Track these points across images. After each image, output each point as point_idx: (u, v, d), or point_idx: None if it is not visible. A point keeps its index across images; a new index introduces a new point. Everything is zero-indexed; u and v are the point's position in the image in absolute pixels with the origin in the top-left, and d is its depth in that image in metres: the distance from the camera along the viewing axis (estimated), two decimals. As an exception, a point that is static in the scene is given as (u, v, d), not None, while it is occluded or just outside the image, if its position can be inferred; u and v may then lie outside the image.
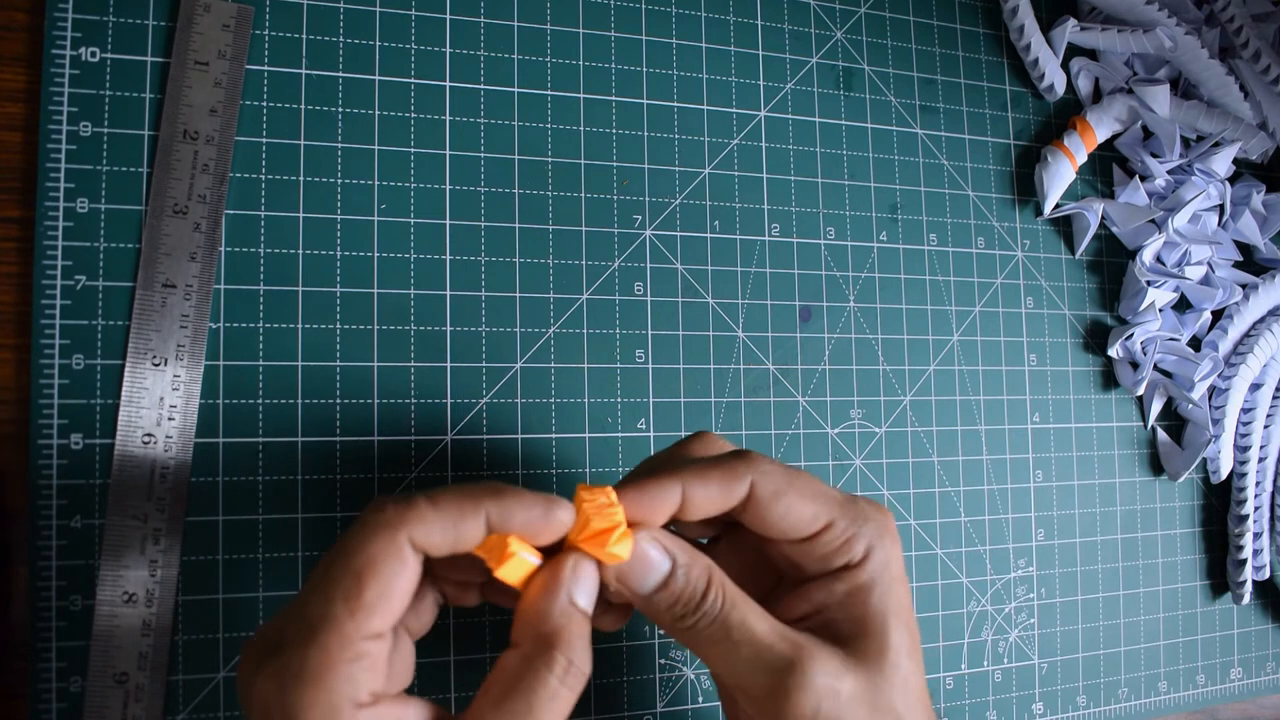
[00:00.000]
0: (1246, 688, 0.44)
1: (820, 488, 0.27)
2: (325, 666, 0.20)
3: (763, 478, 0.26)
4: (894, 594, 0.26)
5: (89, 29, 0.29)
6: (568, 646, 0.23)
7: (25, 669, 0.28)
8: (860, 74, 0.39)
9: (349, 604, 0.21)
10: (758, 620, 0.25)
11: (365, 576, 0.21)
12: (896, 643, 0.26)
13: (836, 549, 0.26)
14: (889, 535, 0.27)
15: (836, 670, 0.25)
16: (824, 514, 0.26)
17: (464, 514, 0.22)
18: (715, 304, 0.36)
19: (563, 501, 0.24)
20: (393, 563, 0.22)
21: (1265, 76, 0.43)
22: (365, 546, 0.22)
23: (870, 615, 0.26)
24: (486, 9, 0.34)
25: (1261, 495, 0.44)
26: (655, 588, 0.25)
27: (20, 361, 0.29)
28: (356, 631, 0.21)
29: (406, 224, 0.32)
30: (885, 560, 0.27)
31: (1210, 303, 0.43)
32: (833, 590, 0.27)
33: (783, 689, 0.24)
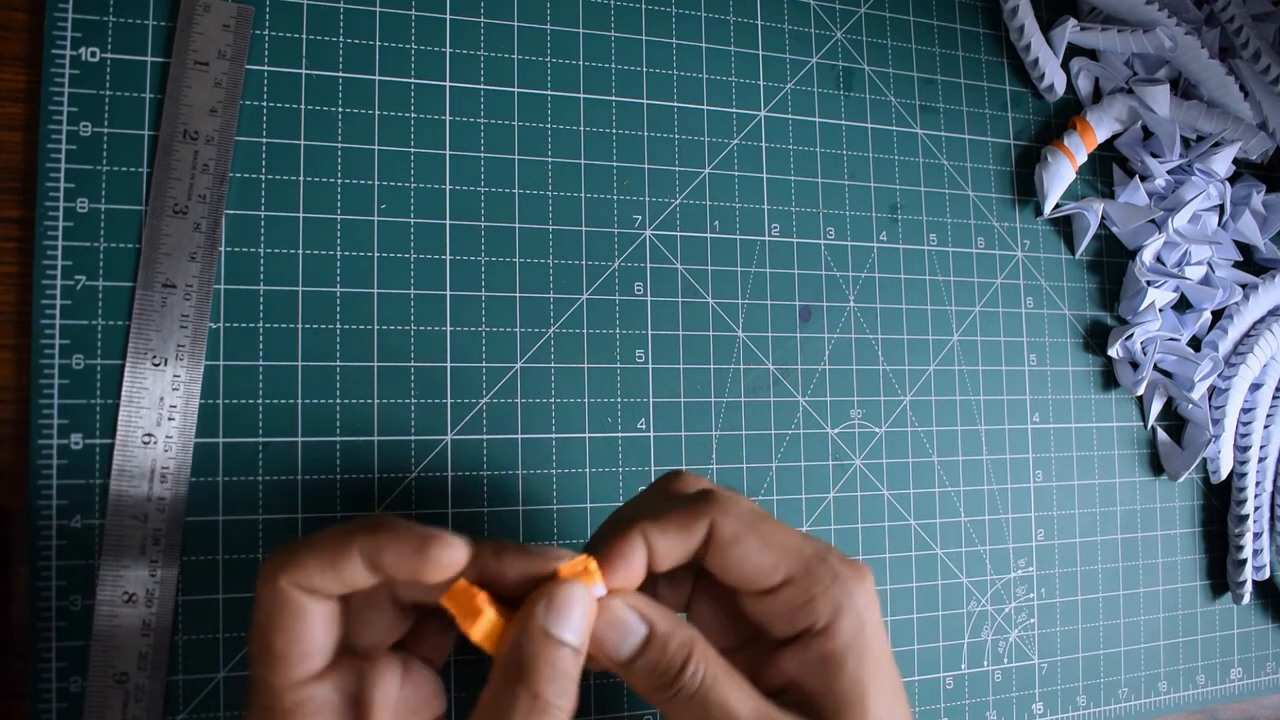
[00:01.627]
0: (1246, 688, 0.44)
1: (786, 539, 0.25)
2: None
3: (724, 519, 0.25)
4: (869, 661, 0.25)
5: (89, 29, 0.29)
6: (535, 680, 0.22)
7: (25, 669, 0.28)
8: (860, 74, 0.39)
9: (265, 660, 0.22)
10: (739, 701, 0.24)
11: (268, 631, 0.22)
12: (874, 712, 0.25)
13: (799, 607, 0.25)
14: (861, 595, 0.25)
15: None
16: (784, 566, 0.25)
17: (338, 552, 0.22)
18: (715, 304, 0.36)
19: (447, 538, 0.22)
20: (286, 611, 0.22)
21: (1265, 76, 0.43)
22: (261, 602, 0.22)
23: (846, 689, 0.25)
24: (486, 9, 0.34)
25: (1261, 495, 0.44)
26: (632, 654, 0.24)
27: (20, 361, 0.29)
28: (282, 682, 0.21)
29: (406, 224, 0.32)
30: (857, 625, 0.25)
31: (1210, 303, 0.43)
32: (805, 660, 0.25)
33: None
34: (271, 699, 0.21)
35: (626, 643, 0.24)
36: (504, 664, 0.22)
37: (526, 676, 0.22)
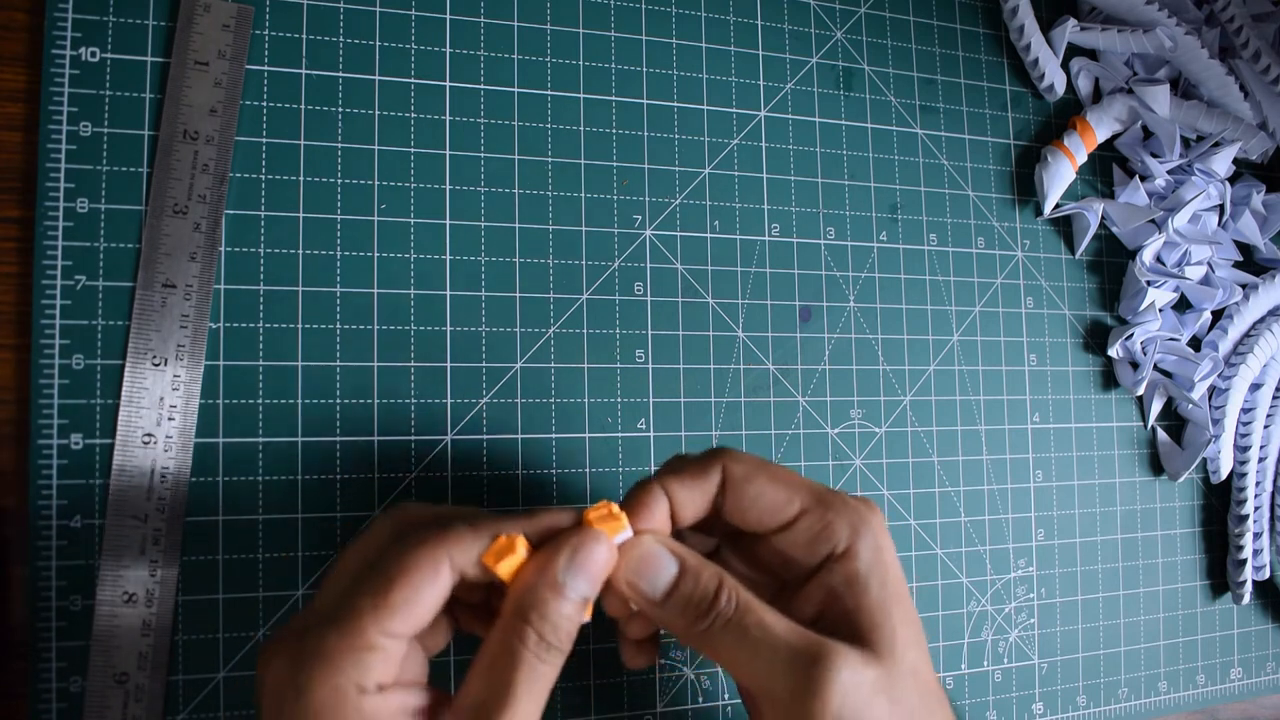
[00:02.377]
0: (1246, 688, 0.44)
1: (794, 477, 0.27)
2: (339, 651, 0.22)
3: (735, 464, 0.27)
4: (891, 583, 0.26)
5: (89, 29, 0.29)
6: (539, 618, 0.23)
7: (25, 669, 0.28)
8: (860, 74, 0.39)
9: (374, 600, 0.22)
10: (775, 620, 0.25)
11: (396, 580, 0.22)
12: (902, 633, 0.26)
13: (817, 535, 0.27)
14: (876, 523, 0.27)
15: (857, 664, 0.25)
16: (797, 499, 0.27)
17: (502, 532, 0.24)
18: (715, 304, 0.36)
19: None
20: (427, 574, 0.23)
21: (1265, 76, 0.43)
22: (403, 556, 0.23)
23: (872, 606, 0.26)
24: (486, 9, 0.34)
25: (1261, 495, 0.44)
26: (666, 590, 0.25)
27: (20, 361, 0.29)
28: (376, 626, 0.22)
29: (406, 224, 0.32)
30: (875, 547, 0.27)
31: (1210, 303, 0.43)
32: (830, 586, 0.27)
33: (808, 688, 0.24)
34: (356, 634, 0.22)
35: (661, 578, 0.25)
36: (515, 603, 0.24)
37: (537, 616, 0.23)
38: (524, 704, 0.23)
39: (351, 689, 0.21)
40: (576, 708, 0.33)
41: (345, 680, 0.21)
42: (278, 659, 0.22)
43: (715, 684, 0.35)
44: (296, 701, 0.21)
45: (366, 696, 0.22)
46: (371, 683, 0.22)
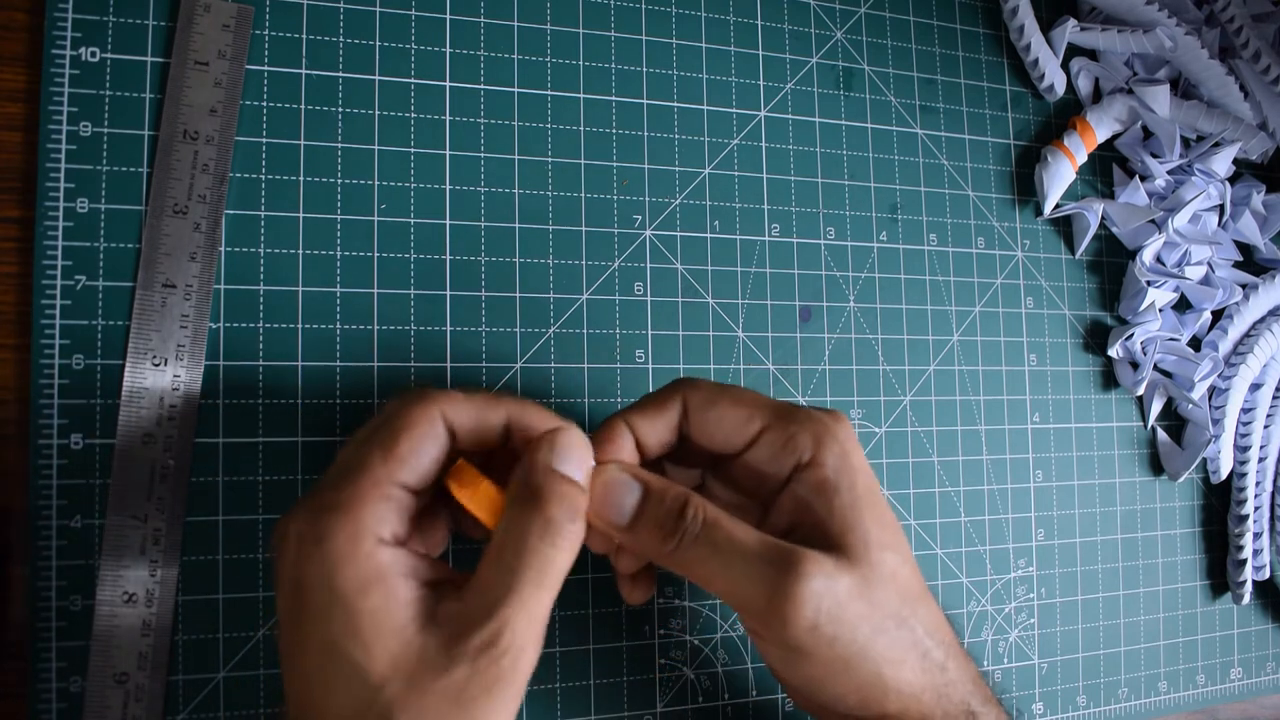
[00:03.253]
0: (1246, 688, 0.44)
1: (754, 396, 0.28)
2: (355, 499, 0.23)
3: (693, 392, 0.28)
4: (860, 486, 0.27)
5: (89, 29, 0.29)
6: (547, 505, 0.24)
7: (25, 669, 0.28)
8: (860, 74, 0.39)
9: (384, 452, 0.23)
10: (745, 533, 0.25)
11: (401, 433, 0.24)
12: (876, 536, 0.26)
13: (782, 448, 0.27)
14: (840, 431, 0.27)
15: (830, 570, 0.25)
16: (758, 415, 0.27)
17: (491, 405, 0.25)
18: (715, 304, 0.36)
19: (572, 427, 0.26)
20: (426, 426, 0.24)
21: (1265, 76, 0.43)
22: (404, 411, 0.24)
23: (842, 511, 0.26)
24: (486, 9, 0.34)
25: (1261, 495, 0.44)
26: (632, 514, 0.26)
27: (20, 361, 0.29)
28: (388, 476, 0.23)
29: (406, 224, 0.32)
30: (841, 454, 0.27)
31: (1210, 303, 0.43)
32: (799, 496, 0.27)
33: (781, 596, 0.24)
34: (370, 482, 0.23)
35: (626, 502, 0.26)
36: (516, 497, 0.24)
37: (538, 501, 0.24)
38: (529, 591, 0.23)
39: (368, 536, 0.22)
40: (576, 708, 0.33)
41: (362, 527, 0.22)
42: (299, 515, 0.23)
43: (715, 684, 0.35)
44: (315, 549, 0.22)
45: (383, 546, 0.22)
46: (388, 532, 0.23)
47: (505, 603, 0.23)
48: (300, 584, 0.22)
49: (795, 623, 0.24)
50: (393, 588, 0.22)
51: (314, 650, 0.22)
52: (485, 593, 0.23)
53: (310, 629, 0.22)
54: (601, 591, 0.33)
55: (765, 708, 0.35)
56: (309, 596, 0.22)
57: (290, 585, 0.23)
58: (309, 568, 0.22)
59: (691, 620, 0.35)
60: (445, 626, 0.22)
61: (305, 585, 0.22)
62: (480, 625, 0.22)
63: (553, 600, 0.24)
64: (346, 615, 0.22)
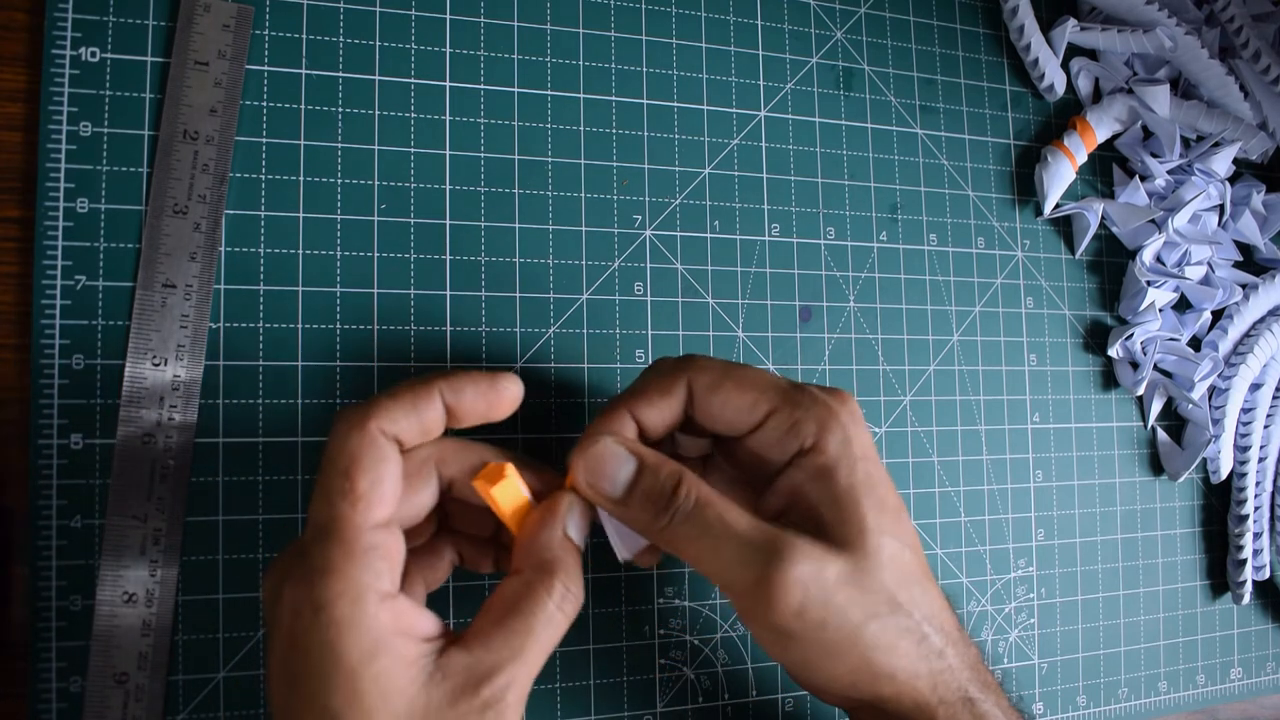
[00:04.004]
0: (1246, 688, 0.44)
1: (761, 378, 0.27)
2: (345, 558, 0.22)
3: (699, 375, 0.27)
4: (860, 471, 0.26)
5: (89, 29, 0.29)
6: (565, 575, 0.25)
7: (25, 669, 0.28)
8: (860, 74, 0.39)
9: (348, 499, 0.23)
10: (736, 516, 0.25)
11: (353, 472, 0.23)
12: (874, 521, 0.26)
13: (786, 432, 0.27)
14: (845, 415, 0.27)
15: (819, 556, 0.25)
16: (764, 400, 0.27)
17: (419, 397, 0.24)
18: (715, 304, 0.36)
19: (508, 374, 0.26)
20: (371, 453, 0.23)
21: (1265, 76, 0.43)
22: (344, 447, 0.23)
23: (840, 497, 0.26)
24: (486, 9, 0.34)
25: (1261, 495, 0.44)
26: (626, 487, 0.26)
27: (20, 361, 0.29)
28: (363, 521, 0.23)
29: (406, 224, 0.32)
30: (843, 439, 0.27)
31: (1210, 303, 0.43)
32: (798, 479, 0.27)
33: (767, 581, 0.25)
34: (351, 536, 0.22)
35: (620, 474, 0.26)
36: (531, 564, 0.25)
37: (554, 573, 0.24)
38: (536, 651, 0.24)
39: (369, 596, 0.22)
40: (576, 708, 0.33)
41: (361, 587, 0.22)
42: (292, 584, 0.22)
43: (715, 684, 0.35)
44: (316, 618, 0.22)
45: (385, 603, 0.22)
46: (386, 583, 0.23)
47: (515, 662, 0.23)
48: (300, 651, 0.22)
49: (781, 608, 0.25)
50: (397, 651, 0.22)
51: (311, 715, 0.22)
52: (495, 650, 0.23)
53: (311, 695, 0.22)
54: (601, 591, 0.33)
55: (765, 708, 0.35)
56: (309, 664, 0.22)
57: (286, 650, 0.22)
58: (310, 636, 0.22)
59: (691, 620, 0.35)
60: (450, 680, 0.22)
61: (306, 653, 0.22)
62: (488, 681, 0.23)
63: None
64: (351, 683, 0.21)
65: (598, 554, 0.33)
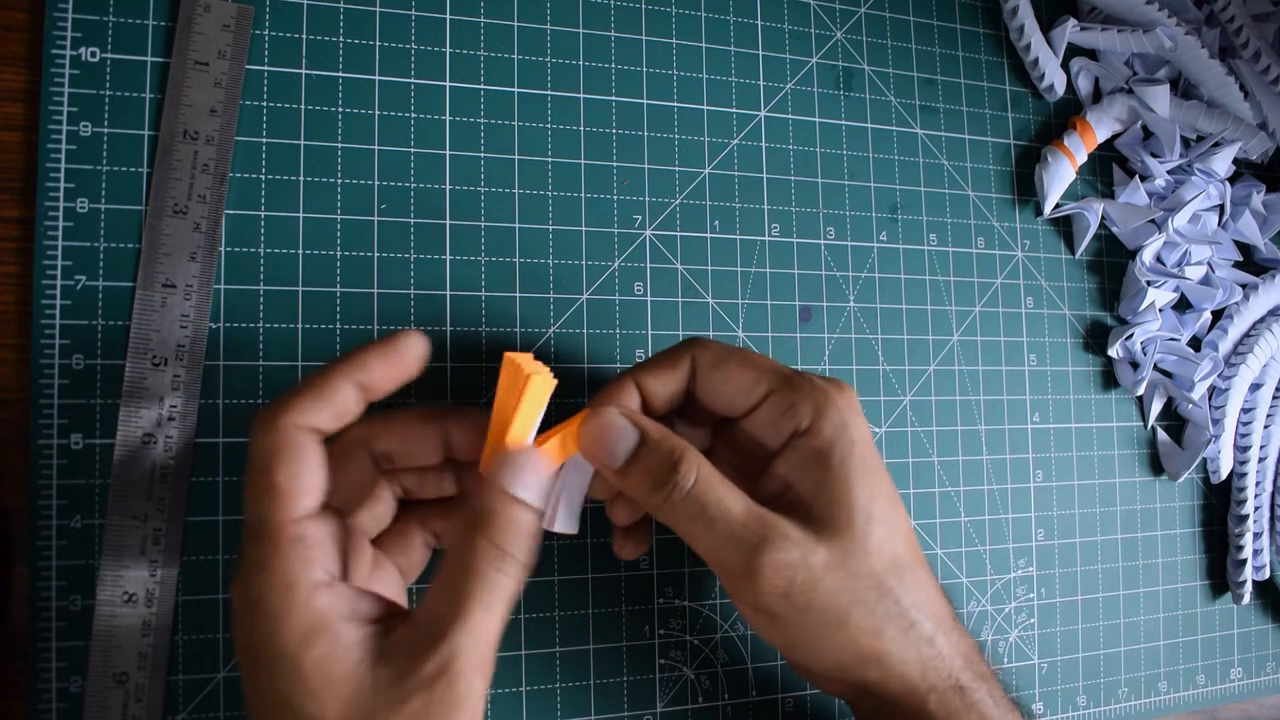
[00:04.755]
0: (1246, 688, 0.44)
1: (761, 360, 0.28)
2: (272, 553, 0.22)
3: (703, 352, 0.28)
4: (854, 458, 0.27)
5: (89, 29, 0.29)
6: (497, 532, 0.24)
7: (25, 669, 0.28)
8: (860, 74, 0.39)
9: (269, 498, 0.23)
10: (733, 500, 0.26)
11: (270, 468, 0.23)
12: (864, 507, 0.26)
13: (782, 414, 0.27)
14: (841, 400, 0.27)
15: (806, 544, 0.25)
16: (763, 380, 0.27)
17: (327, 383, 0.24)
18: (715, 304, 0.36)
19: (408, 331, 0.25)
20: (286, 449, 0.23)
21: (1265, 76, 0.43)
22: (259, 444, 0.23)
23: (832, 482, 0.26)
24: (486, 9, 0.34)
25: (1261, 495, 0.44)
26: (626, 459, 0.26)
27: (20, 361, 0.29)
28: (285, 516, 0.23)
29: (406, 224, 0.32)
30: (839, 424, 0.27)
31: (1210, 303, 0.43)
32: (792, 462, 0.27)
33: (754, 566, 0.25)
34: (276, 532, 0.23)
35: (621, 446, 0.26)
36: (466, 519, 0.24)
37: (489, 527, 0.24)
38: (479, 616, 0.23)
39: (301, 584, 0.22)
40: (576, 708, 0.33)
41: (291, 578, 0.22)
42: (234, 587, 0.23)
43: (715, 684, 0.35)
44: (255, 611, 0.22)
45: (318, 591, 0.22)
46: (320, 571, 0.23)
47: (455, 629, 0.22)
48: (246, 647, 0.23)
49: (766, 590, 0.25)
50: (336, 633, 0.22)
51: (270, 705, 0.22)
52: (434, 619, 0.23)
53: (264, 686, 0.22)
54: (601, 591, 0.33)
55: (765, 708, 0.35)
56: (258, 657, 0.22)
57: (239, 649, 0.23)
58: (253, 631, 0.22)
59: (691, 620, 0.35)
60: (396, 657, 0.22)
61: (251, 648, 0.22)
62: (431, 652, 0.22)
63: (503, 624, 0.24)
64: (293, 669, 0.22)
65: (598, 554, 0.33)
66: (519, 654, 0.32)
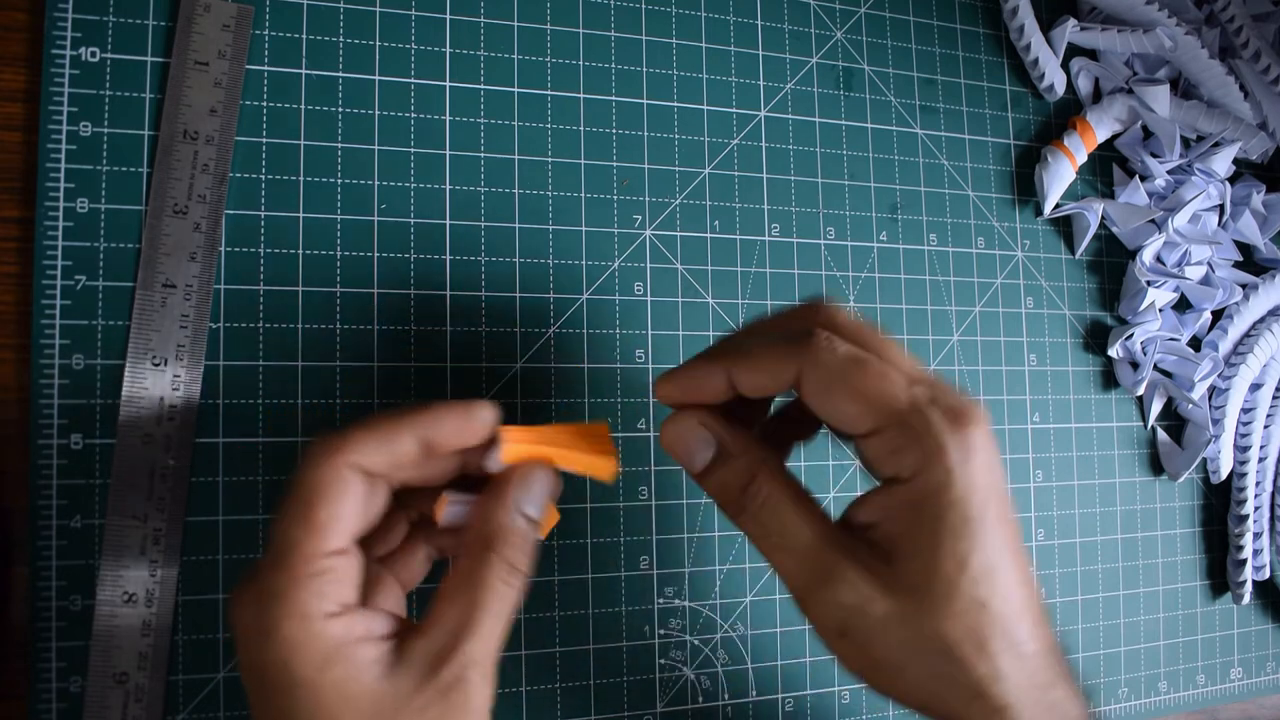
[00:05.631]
0: (1246, 688, 0.44)
1: (884, 387, 0.25)
2: (291, 583, 0.23)
3: (813, 370, 0.25)
4: (953, 514, 0.24)
5: (89, 29, 0.29)
6: (508, 549, 0.25)
7: (25, 669, 0.28)
8: (860, 74, 0.39)
9: (304, 527, 0.23)
10: (800, 528, 0.25)
11: (314, 501, 0.23)
12: (948, 572, 0.24)
13: (885, 457, 0.25)
14: (956, 450, 0.24)
15: (868, 591, 0.24)
16: (871, 418, 0.25)
17: (394, 430, 0.24)
18: (715, 304, 0.36)
19: (483, 403, 0.25)
20: (337, 486, 0.24)
21: (1265, 76, 0.43)
22: (310, 474, 0.24)
23: (918, 536, 0.24)
24: (486, 9, 0.34)
25: (1261, 495, 0.44)
26: (703, 469, 0.27)
27: (20, 361, 0.29)
28: (314, 550, 0.23)
29: (406, 224, 0.32)
30: (944, 481, 0.24)
31: (1210, 303, 0.43)
32: (887, 505, 0.25)
33: (809, 600, 0.25)
34: (301, 563, 0.23)
35: (699, 456, 0.27)
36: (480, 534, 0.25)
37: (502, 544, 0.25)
38: (490, 624, 0.24)
39: (315, 616, 0.23)
40: (577, 708, 0.33)
41: (307, 610, 0.22)
42: (244, 606, 0.23)
43: (715, 684, 0.35)
44: (267, 642, 0.22)
45: (332, 620, 0.23)
46: (332, 604, 0.23)
47: (469, 638, 0.24)
48: (258, 672, 0.23)
49: (820, 624, 0.25)
50: (352, 656, 0.23)
51: None
52: (448, 630, 0.24)
53: (279, 709, 0.22)
54: (601, 591, 0.33)
55: (765, 708, 0.35)
56: (272, 682, 0.22)
57: (248, 672, 0.23)
58: (265, 657, 0.22)
59: (691, 620, 0.35)
60: (412, 668, 0.23)
61: (264, 673, 0.23)
62: (447, 661, 0.23)
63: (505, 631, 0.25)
64: (311, 694, 0.22)
65: (598, 554, 0.33)
66: (519, 654, 0.32)
